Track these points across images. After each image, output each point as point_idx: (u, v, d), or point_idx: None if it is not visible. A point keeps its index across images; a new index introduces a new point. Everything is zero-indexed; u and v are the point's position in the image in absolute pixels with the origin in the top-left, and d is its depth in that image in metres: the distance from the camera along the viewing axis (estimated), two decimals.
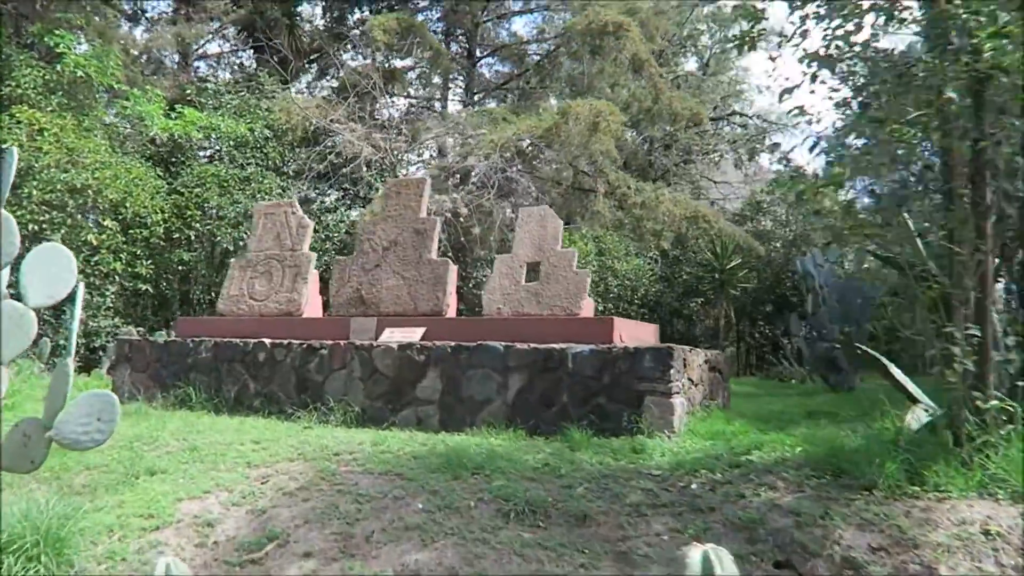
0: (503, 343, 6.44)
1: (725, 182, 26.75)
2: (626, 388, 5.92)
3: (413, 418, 6.65)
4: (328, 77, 21.78)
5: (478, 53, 21.96)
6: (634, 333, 6.87)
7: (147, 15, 20.64)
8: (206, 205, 13.55)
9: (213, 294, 14.17)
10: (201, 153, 15.81)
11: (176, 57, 20.57)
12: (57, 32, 12.97)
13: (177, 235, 13.40)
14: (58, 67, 12.71)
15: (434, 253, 7.67)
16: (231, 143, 14.77)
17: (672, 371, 5.79)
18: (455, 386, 6.53)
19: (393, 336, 6.97)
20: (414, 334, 6.91)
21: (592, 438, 5.77)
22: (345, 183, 16.40)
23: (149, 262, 12.77)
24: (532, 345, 6.35)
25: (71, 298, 5.74)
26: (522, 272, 7.37)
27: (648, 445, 5.43)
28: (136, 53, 18.07)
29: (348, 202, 16.72)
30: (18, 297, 5.53)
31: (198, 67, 21.65)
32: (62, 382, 4.94)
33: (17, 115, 11.77)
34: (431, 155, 18.09)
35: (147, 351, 8.16)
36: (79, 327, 11.20)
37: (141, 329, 12.53)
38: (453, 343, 6.62)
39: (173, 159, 14.83)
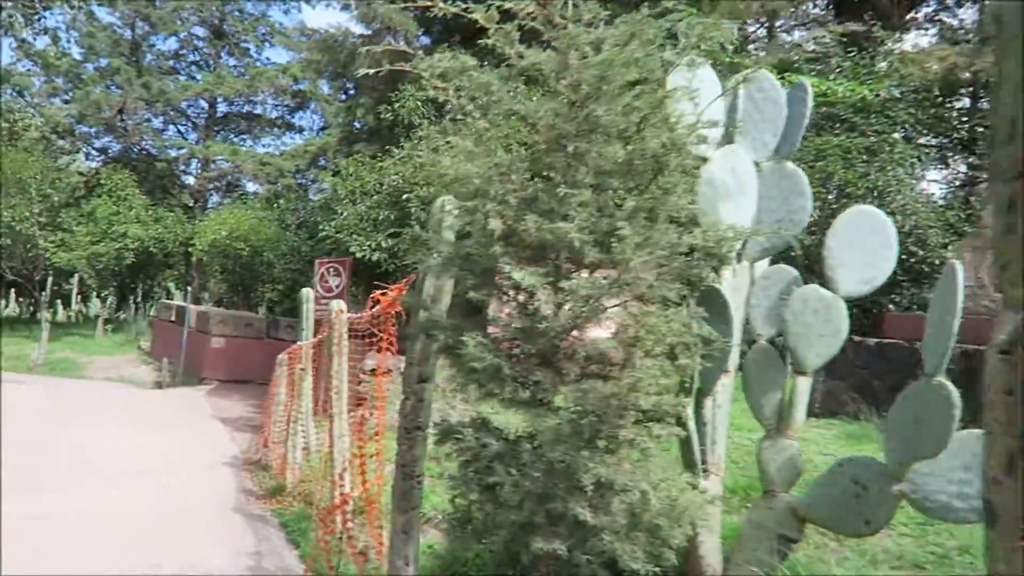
0: None
1: None
2: None
3: None
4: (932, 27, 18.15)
5: None
6: None
7: None
8: (829, 181, 11.66)
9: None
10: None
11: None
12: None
13: None
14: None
15: None
16: (850, 109, 12.62)
17: None
18: None
19: None
20: None
21: None
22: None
23: None
24: None
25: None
26: None
27: None
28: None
29: None
30: (823, 282, 4.08)
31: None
32: (944, 408, 3.25)
33: None
34: None
35: (849, 354, 6.45)
36: None
37: None
38: None
39: None
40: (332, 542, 5.27)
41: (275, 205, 25.47)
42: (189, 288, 21.84)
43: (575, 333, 3.08)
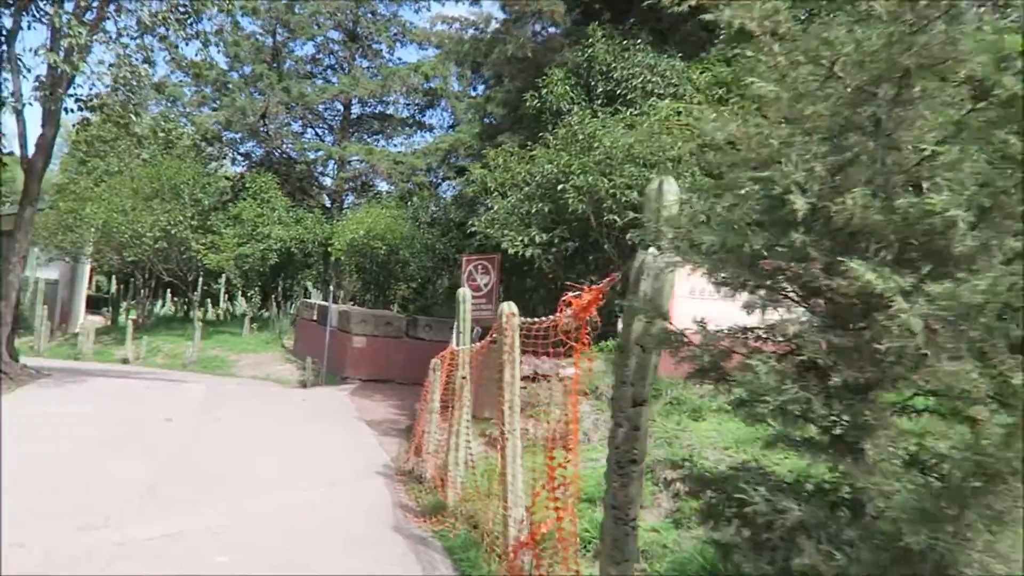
0: None
1: None
2: None
3: None
4: None
5: None
6: None
7: None
8: None
9: None
10: None
11: None
12: None
13: None
14: None
15: None
16: None
17: None
18: None
19: None
20: None
21: None
22: None
23: None
24: None
25: None
26: None
27: None
28: None
29: None
30: None
31: None
32: None
33: None
34: None
35: None
36: None
37: None
38: None
39: None
40: None
41: (408, 203, 25.55)
42: (331, 288, 22.14)
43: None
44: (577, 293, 4.18)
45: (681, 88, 10.65)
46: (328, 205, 30.23)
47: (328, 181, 31.08)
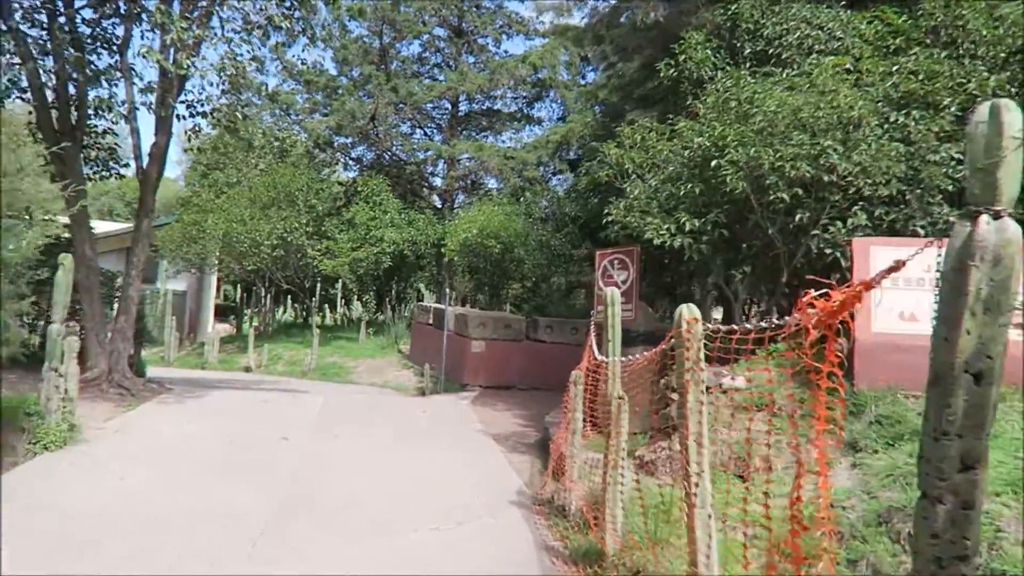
0: None
1: None
2: None
3: None
4: None
5: None
6: None
7: None
8: None
9: None
10: None
11: None
12: None
13: None
14: None
15: None
16: None
17: None
18: None
19: None
20: None
21: None
22: None
23: None
24: None
25: None
26: None
27: None
28: None
29: None
30: None
31: None
32: None
33: None
34: None
35: None
36: None
37: None
38: None
39: None
40: None
41: (520, 199, 24.58)
42: (445, 289, 21.44)
43: None
44: (823, 292, 2.90)
45: (847, 41, 9.01)
46: (439, 205, 29.72)
47: (438, 181, 30.60)
